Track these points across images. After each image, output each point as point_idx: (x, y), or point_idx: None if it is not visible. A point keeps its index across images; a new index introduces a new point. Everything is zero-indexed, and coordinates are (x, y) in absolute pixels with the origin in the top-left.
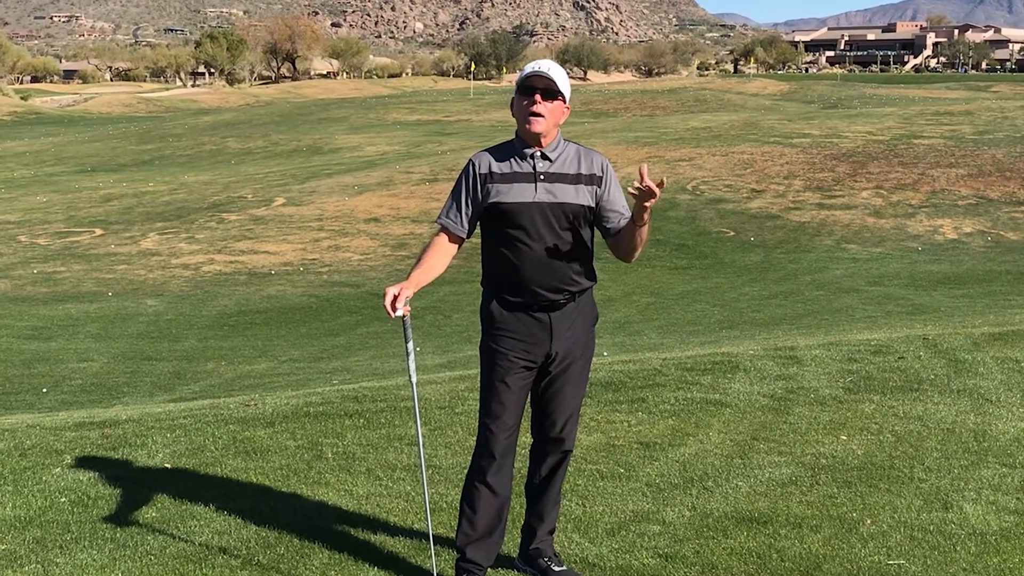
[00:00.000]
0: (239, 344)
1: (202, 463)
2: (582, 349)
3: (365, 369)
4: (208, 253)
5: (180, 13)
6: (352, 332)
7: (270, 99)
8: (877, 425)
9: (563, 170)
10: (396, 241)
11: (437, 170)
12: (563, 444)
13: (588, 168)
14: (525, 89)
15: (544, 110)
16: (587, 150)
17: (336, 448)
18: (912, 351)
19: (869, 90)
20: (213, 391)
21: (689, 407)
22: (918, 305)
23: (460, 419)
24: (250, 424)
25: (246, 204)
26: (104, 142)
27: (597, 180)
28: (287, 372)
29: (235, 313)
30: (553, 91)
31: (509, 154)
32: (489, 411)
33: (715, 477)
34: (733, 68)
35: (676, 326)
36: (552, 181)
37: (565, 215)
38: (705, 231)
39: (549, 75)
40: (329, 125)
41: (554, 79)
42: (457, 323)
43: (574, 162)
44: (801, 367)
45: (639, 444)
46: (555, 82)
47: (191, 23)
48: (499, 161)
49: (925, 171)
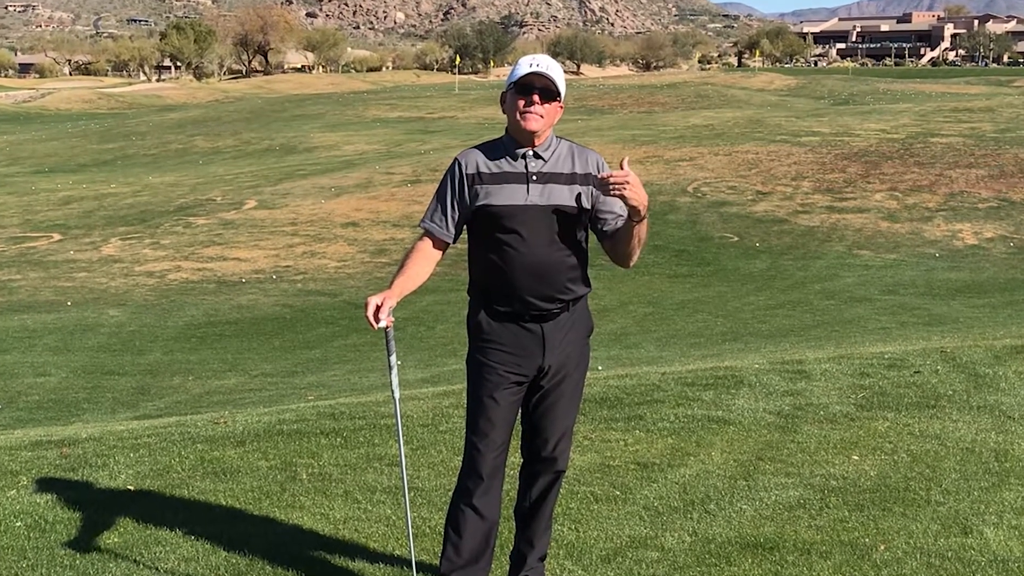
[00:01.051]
0: (207, 357)
1: (168, 485)
2: (576, 362)
3: (342, 384)
4: (174, 260)
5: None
6: (328, 344)
7: (241, 95)
8: (891, 444)
9: (556, 169)
10: (376, 247)
11: (420, 171)
12: (555, 464)
13: (583, 167)
14: (522, 87)
15: (542, 111)
16: (580, 148)
17: (311, 469)
18: (929, 365)
19: (883, 85)
20: (179, 408)
21: (690, 425)
22: (935, 315)
23: (444, 438)
24: (219, 443)
25: (215, 207)
26: (62, 141)
27: (593, 180)
28: (259, 387)
29: (203, 324)
30: (552, 92)
31: (499, 153)
32: (476, 429)
33: (718, 500)
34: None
35: (676, 338)
36: (545, 182)
37: (559, 218)
38: (707, 236)
39: (548, 74)
40: (304, 123)
41: (554, 79)
42: (441, 335)
43: (568, 161)
44: (810, 382)
45: (636, 464)
46: (555, 82)
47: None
48: (488, 160)
49: (943, 172)
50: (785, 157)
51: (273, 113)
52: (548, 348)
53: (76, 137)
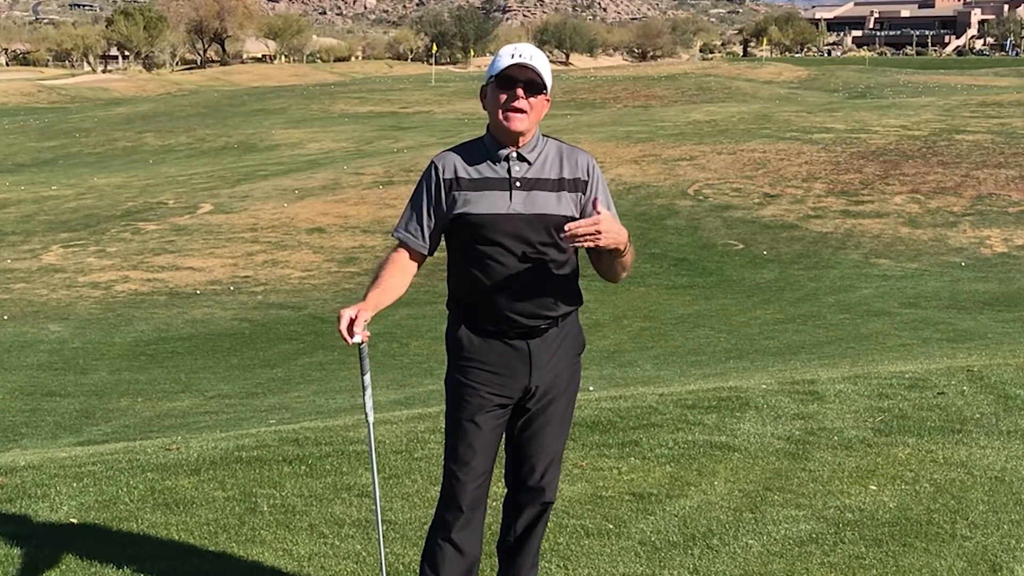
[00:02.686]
0: (158, 377)
1: (115, 517)
2: (566, 383)
3: (307, 407)
4: (122, 269)
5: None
6: (292, 363)
7: (195, 87)
8: (913, 473)
9: (543, 174)
10: (344, 255)
11: (392, 171)
12: (543, 495)
13: (572, 171)
14: (504, 80)
15: (527, 106)
16: (570, 148)
17: (273, 500)
18: (954, 385)
19: (903, 77)
20: (128, 432)
21: (690, 452)
22: (961, 331)
23: (420, 466)
24: (171, 472)
25: (167, 211)
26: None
27: (582, 185)
28: (215, 410)
29: (153, 340)
30: (537, 84)
31: (479, 155)
32: (456, 456)
33: (721, 534)
34: (742, 50)
35: (675, 356)
36: (530, 188)
37: (546, 228)
38: (709, 243)
39: (533, 65)
40: (265, 118)
41: (539, 70)
42: (416, 352)
43: (555, 164)
44: (823, 404)
45: (631, 495)
46: (540, 74)
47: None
48: (467, 164)
49: (969, 172)
50: (795, 156)
51: (231, 108)
52: (535, 367)
53: (13, 134)
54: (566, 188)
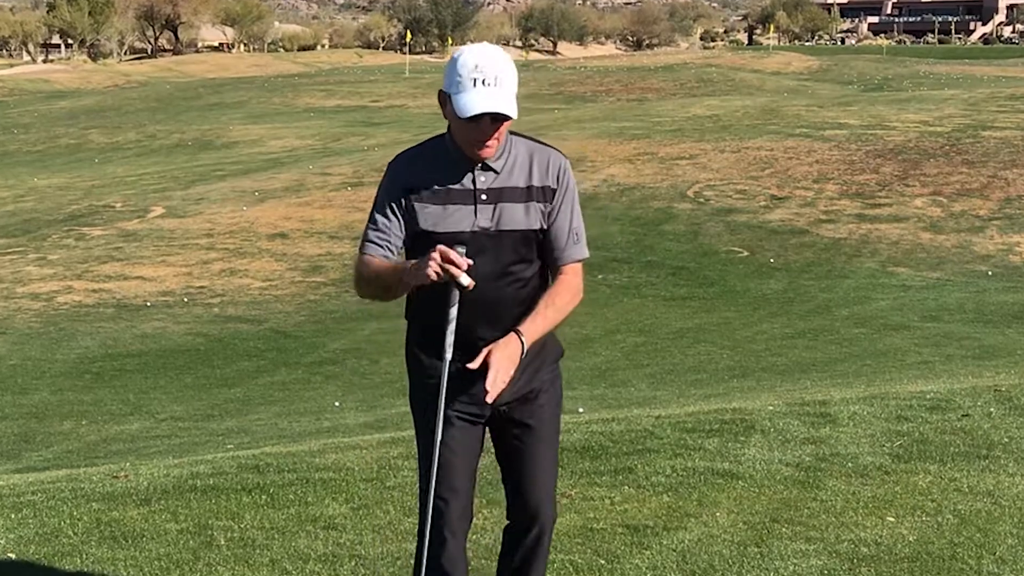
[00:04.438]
0: (105, 397)
1: (56, 552)
2: (544, 390)
3: (269, 430)
4: (64, 279)
5: None
6: (252, 382)
7: (145, 79)
8: (934, 503)
9: (510, 182)
10: (308, 264)
11: (362, 171)
12: (537, 516)
13: (541, 177)
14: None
15: (496, 135)
16: (542, 148)
17: (231, 533)
18: (980, 407)
19: (924, 67)
20: (71, 458)
21: (690, 480)
22: (988, 347)
23: (392, 495)
24: (119, 502)
25: (114, 215)
26: None
27: (550, 194)
28: (167, 434)
29: (100, 357)
30: (506, 115)
31: (439, 162)
32: (428, 481)
33: (724, 570)
34: (747, 39)
35: (673, 374)
36: (496, 200)
37: (513, 245)
38: (711, 250)
39: (500, 110)
40: (222, 112)
41: (510, 113)
42: (387, 370)
43: (524, 169)
44: (835, 428)
45: (625, 528)
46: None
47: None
48: (426, 172)
49: (997, 173)
50: (805, 155)
51: (184, 101)
52: None
53: None
54: (535, 198)
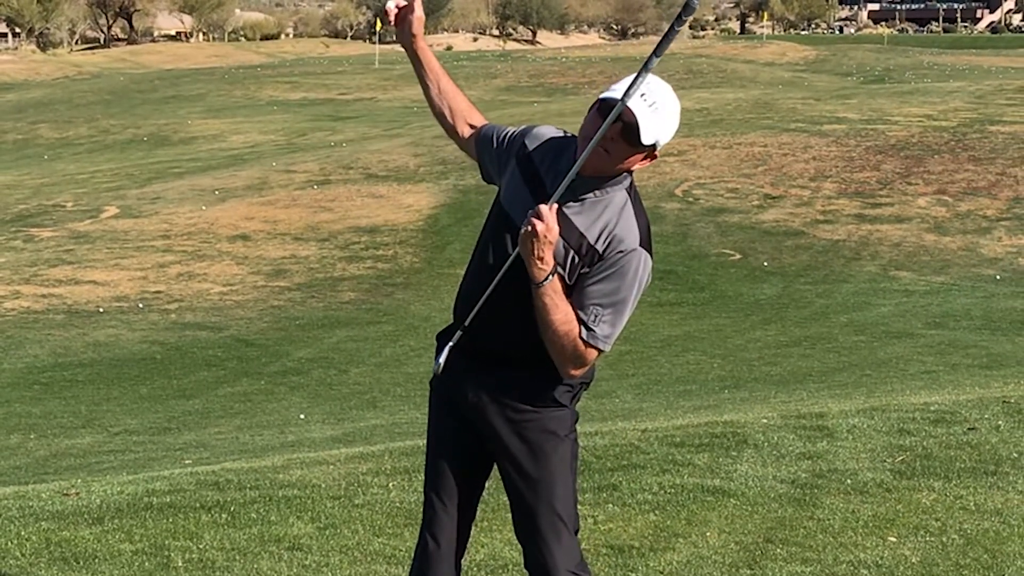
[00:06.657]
0: (54, 409)
1: (3, 574)
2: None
3: (229, 445)
4: (11, 283)
5: None
6: (211, 393)
7: (98, 70)
8: (939, 522)
9: (575, 222)
10: (272, 267)
11: (329, 168)
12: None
13: (598, 238)
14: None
15: (616, 150)
16: (631, 219)
17: (189, 554)
18: (988, 420)
19: (928, 57)
20: (18, 475)
21: (678, 497)
22: (996, 355)
23: (361, 514)
24: (70, 521)
25: (64, 216)
26: None
27: (592, 258)
28: (121, 448)
29: (49, 367)
30: (635, 134)
31: (560, 155)
32: (426, 476)
33: None
34: (739, 27)
35: (660, 385)
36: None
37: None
38: (701, 253)
39: (640, 119)
40: (179, 106)
41: (629, 121)
42: (356, 380)
43: (597, 224)
44: (833, 442)
45: (608, 548)
46: (641, 128)
47: None
48: (547, 153)
49: (1005, 170)
50: (801, 151)
51: (140, 94)
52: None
53: None
54: (575, 247)
